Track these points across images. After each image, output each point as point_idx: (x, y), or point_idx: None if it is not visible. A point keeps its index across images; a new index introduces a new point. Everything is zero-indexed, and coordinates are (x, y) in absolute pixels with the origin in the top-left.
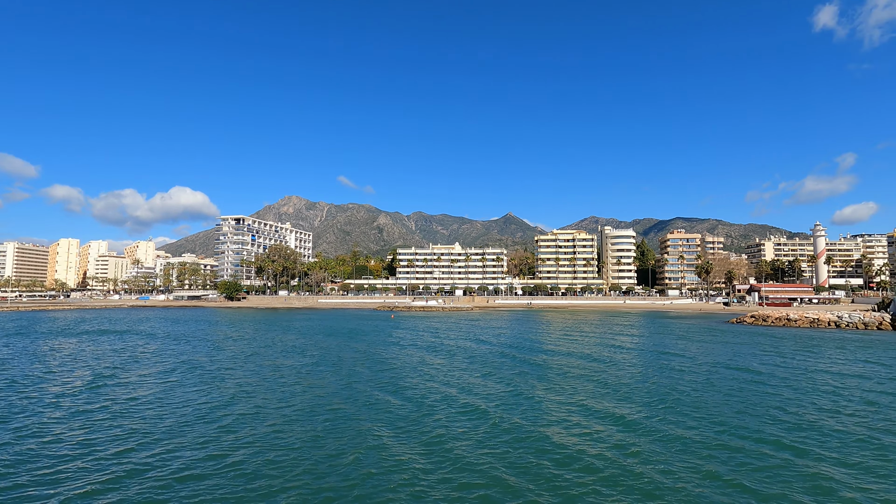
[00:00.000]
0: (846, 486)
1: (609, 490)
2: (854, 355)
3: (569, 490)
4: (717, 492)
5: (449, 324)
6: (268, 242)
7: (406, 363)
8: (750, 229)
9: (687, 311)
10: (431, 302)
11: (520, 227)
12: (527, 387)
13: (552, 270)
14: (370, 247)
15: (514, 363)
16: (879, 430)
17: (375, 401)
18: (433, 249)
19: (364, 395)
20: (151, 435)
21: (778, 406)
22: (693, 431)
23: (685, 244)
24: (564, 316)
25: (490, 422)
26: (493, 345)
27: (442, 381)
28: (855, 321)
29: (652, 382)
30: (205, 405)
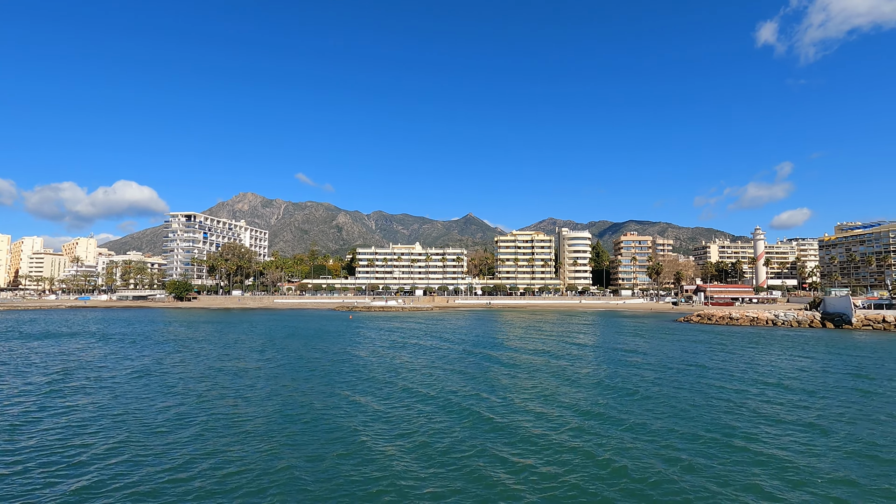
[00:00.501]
0: (791, 464)
1: (578, 479)
2: (790, 351)
3: (545, 483)
4: (681, 478)
5: (409, 324)
6: (221, 240)
7: (366, 363)
8: (697, 232)
9: (639, 310)
10: (391, 302)
11: (480, 227)
12: (492, 384)
13: (511, 271)
14: (329, 246)
15: (476, 361)
16: (818, 415)
17: (339, 403)
18: (393, 249)
19: (325, 398)
20: (99, 447)
21: (726, 397)
22: (655, 422)
23: (637, 246)
24: (523, 315)
25: (458, 419)
26: (455, 344)
27: (404, 382)
28: (790, 319)
29: (610, 377)
30: (156, 414)
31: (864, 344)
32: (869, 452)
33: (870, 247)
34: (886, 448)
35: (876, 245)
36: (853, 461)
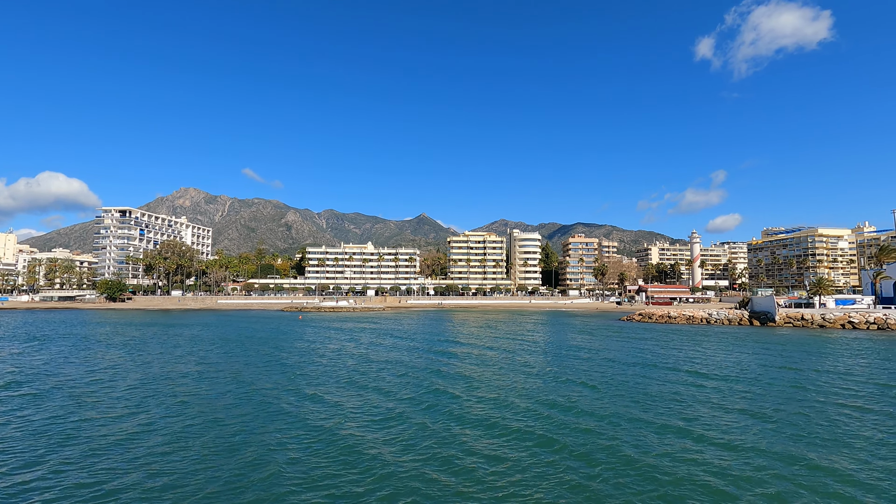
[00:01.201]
0: (734, 446)
1: (531, 477)
2: (724, 346)
3: (495, 482)
4: (630, 471)
5: (360, 324)
6: (160, 238)
7: (316, 365)
8: (640, 235)
9: (585, 309)
10: (342, 302)
11: (433, 227)
12: (444, 384)
13: (464, 271)
14: (277, 245)
15: (430, 362)
16: (756, 402)
17: (287, 408)
18: (345, 249)
19: (272, 403)
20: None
21: (670, 388)
22: (605, 413)
23: (585, 248)
24: (475, 315)
25: (412, 420)
26: (407, 343)
27: (357, 383)
28: (722, 318)
29: (560, 373)
30: (79, 426)
31: (786, 339)
32: (803, 432)
33: (791, 250)
34: (819, 427)
35: (796, 249)
36: (789, 439)
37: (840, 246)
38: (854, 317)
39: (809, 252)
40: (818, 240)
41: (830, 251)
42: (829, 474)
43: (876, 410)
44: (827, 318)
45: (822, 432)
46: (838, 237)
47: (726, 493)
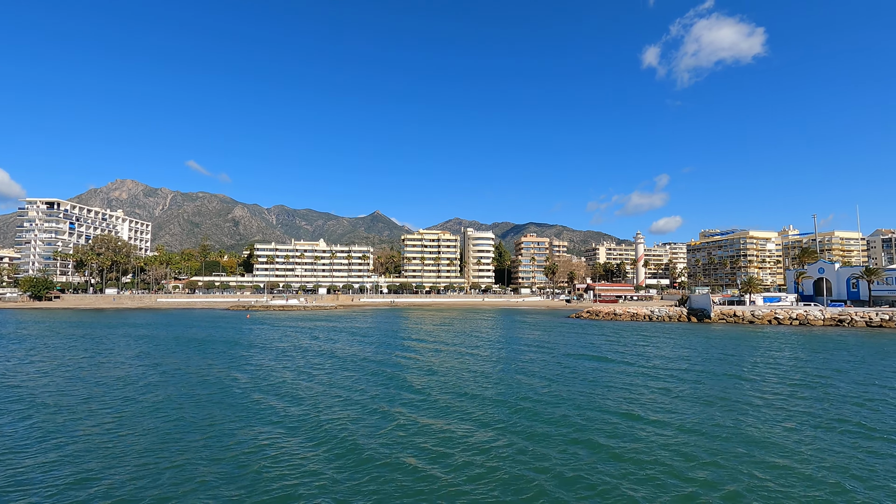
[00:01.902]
0: (670, 426)
1: (485, 472)
2: (662, 341)
3: (454, 475)
4: (589, 459)
5: (311, 323)
6: (93, 232)
7: (263, 366)
8: (588, 235)
9: (536, 307)
10: (292, 301)
11: (387, 225)
12: (400, 381)
13: (418, 269)
14: (224, 241)
15: (383, 359)
16: (693, 390)
17: (232, 414)
18: (296, 245)
19: (217, 407)
20: None
21: (614, 378)
22: (556, 407)
23: (536, 247)
24: (429, 313)
25: (368, 419)
26: (360, 341)
27: (307, 383)
28: (662, 315)
29: (514, 367)
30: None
31: (720, 334)
32: (737, 413)
33: (726, 251)
34: (751, 410)
35: (730, 250)
36: (725, 419)
37: (768, 248)
38: (779, 313)
39: (741, 253)
40: (749, 242)
41: (760, 252)
42: (761, 447)
43: (799, 395)
44: (756, 314)
45: (754, 414)
46: (767, 239)
47: (675, 469)
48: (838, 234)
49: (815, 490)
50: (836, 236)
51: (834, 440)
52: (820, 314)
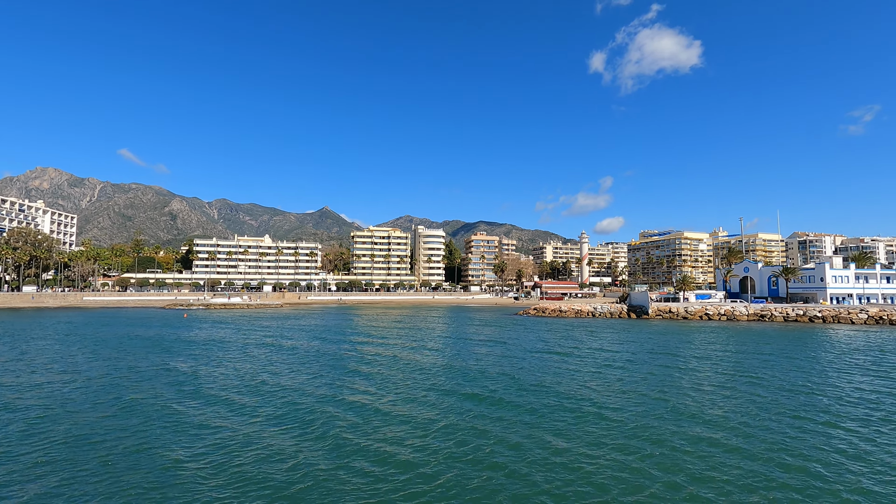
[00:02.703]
0: (612, 412)
1: (432, 464)
2: (604, 335)
3: (397, 477)
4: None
5: (254, 322)
6: (8, 224)
7: (200, 369)
8: (536, 234)
9: (486, 304)
10: (235, 299)
11: (336, 221)
12: (347, 380)
13: (367, 267)
14: (160, 236)
15: (331, 359)
16: (639, 381)
17: (162, 424)
18: (239, 241)
19: (144, 416)
20: None
21: (559, 371)
22: (506, 397)
23: (486, 245)
24: (379, 311)
25: (311, 421)
26: (307, 341)
27: (247, 385)
28: (605, 311)
29: (461, 363)
30: None
31: (657, 329)
32: (672, 400)
33: (663, 251)
34: (685, 396)
35: (667, 250)
36: (662, 407)
37: (701, 248)
38: (710, 309)
39: (677, 253)
40: (684, 242)
41: (693, 252)
42: (700, 429)
43: (725, 385)
44: (689, 310)
45: (688, 401)
46: (699, 240)
47: (625, 454)
48: (761, 235)
49: (751, 463)
50: (759, 238)
51: (765, 420)
52: (745, 310)
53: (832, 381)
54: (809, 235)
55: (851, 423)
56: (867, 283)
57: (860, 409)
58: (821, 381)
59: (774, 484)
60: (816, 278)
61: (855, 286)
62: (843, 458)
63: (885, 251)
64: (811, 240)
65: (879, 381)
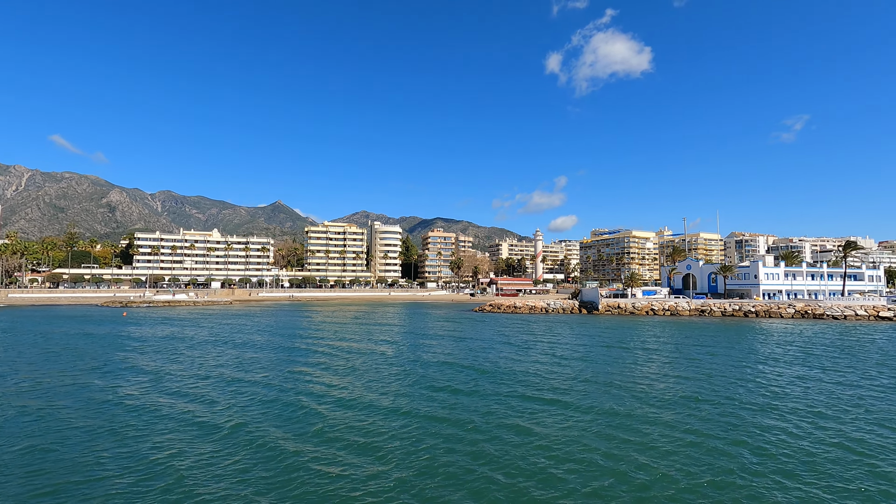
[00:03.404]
0: (567, 404)
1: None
2: (557, 330)
3: (347, 474)
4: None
5: (201, 321)
6: None
7: (137, 371)
8: (493, 231)
9: (442, 301)
10: (181, 296)
11: (290, 216)
12: (303, 378)
13: (322, 262)
14: (96, 229)
15: (281, 356)
16: (586, 373)
17: (93, 435)
18: (185, 235)
19: (71, 425)
20: None
21: (516, 364)
22: (467, 388)
23: (443, 242)
24: (334, 307)
25: (255, 425)
26: (258, 339)
27: (184, 388)
28: (557, 307)
29: (419, 358)
30: None
31: (606, 323)
32: (621, 390)
33: (612, 249)
34: (633, 384)
35: (616, 248)
36: (612, 396)
37: (647, 246)
38: (655, 305)
39: (625, 251)
40: (632, 241)
41: (640, 250)
42: (649, 418)
43: (668, 374)
44: (636, 306)
45: (634, 388)
46: (646, 239)
47: (580, 442)
48: (703, 235)
49: (692, 449)
50: (701, 237)
51: (705, 410)
52: (687, 305)
53: (763, 371)
54: (745, 235)
55: (783, 408)
56: (795, 280)
57: (788, 397)
58: (752, 371)
59: (716, 465)
60: (751, 276)
61: (784, 283)
62: (774, 439)
63: (810, 251)
64: (747, 239)
65: (803, 369)
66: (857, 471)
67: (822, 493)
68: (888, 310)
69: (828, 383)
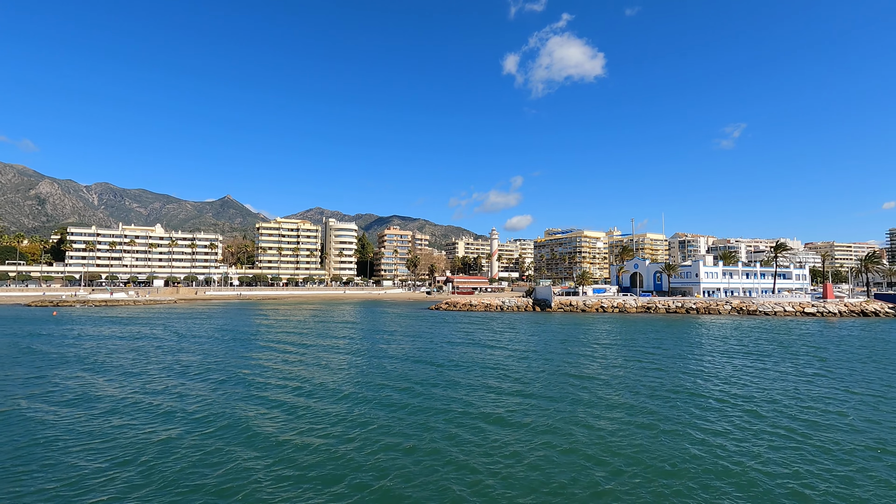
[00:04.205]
0: (520, 393)
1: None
2: (511, 327)
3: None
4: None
5: (141, 321)
6: None
7: (67, 375)
8: (449, 230)
9: (398, 299)
10: (120, 295)
11: (240, 212)
12: (255, 381)
13: (274, 260)
14: (23, 222)
15: (226, 358)
16: (539, 368)
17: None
18: (125, 231)
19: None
20: None
21: (471, 359)
22: (421, 383)
23: (400, 240)
24: (286, 306)
25: (209, 429)
26: (203, 339)
27: (127, 397)
28: (512, 305)
29: (375, 357)
30: None
31: (560, 321)
32: (572, 381)
33: (565, 248)
34: (582, 377)
35: (569, 247)
36: (563, 385)
37: (598, 245)
38: (605, 302)
39: (577, 250)
40: (584, 240)
41: (591, 249)
42: (602, 410)
43: (619, 364)
44: (587, 303)
45: (589, 381)
46: (597, 238)
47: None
48: (649, 235)
49: (635, 438)
50: (647, 237)
51: (649, 396)
52: (634, 303)
53: (702, 363)
54: (688, 236)
55: (725, 396)
56: (732, 279)
57: (729, 385)
58: (696, 363)
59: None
60: (692, 274)
61: (722, 281)
62: (720, 428)
63: (745, 251)
64: (689, 240)
65: (741, 361)
66: (794, 448)
67: (755, 463)
68: (812, 306)
69: (761, 371)
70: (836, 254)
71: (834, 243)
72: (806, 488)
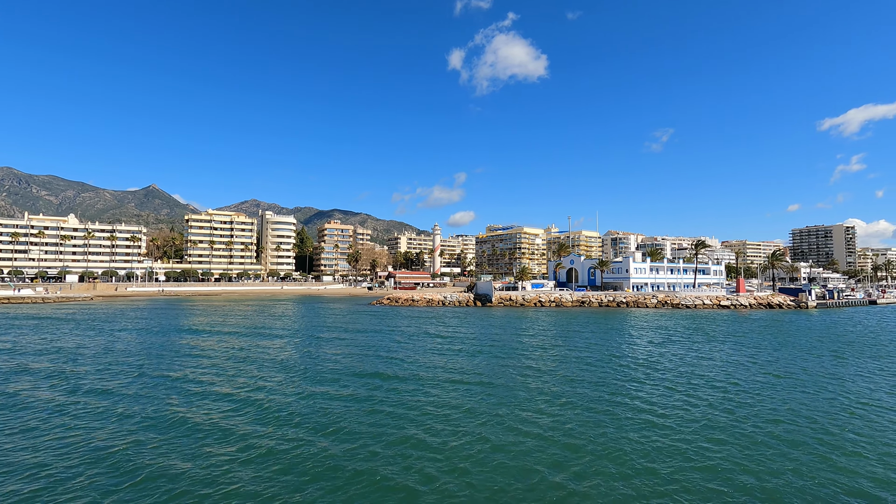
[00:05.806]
0: (460, 382)
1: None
2: (453, 322)
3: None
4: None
5: (53, 320)
6: None
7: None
8: (392, 225)
9: (339, 294)
10: (26, 291)
11: (167, 202)
12: (187, 390)
13: (206, 254)
14: None
15: (153, 364)
16: (471, 354)
17: None
18: (31, 220)
19: None
20: None
21: (411, 353)
22: (365, 378)
23: (340, 234)
24: (218, 304)
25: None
26: (123, 340)
27: (31, 404)
28: (454, 300)
29: (317, 357)
30: None
31: (500, 315)
32: (510, 371)
33: (506, 244)
34: (521, 368)
35: (509, 243)
36: (500, 376)
37: (537, 242)
38: (542, 297)
39: (517, 246)
40: (523, 236)
41: (531, 246)
42: (541, 398)
43: (556, 356)
44: (526, 298)
45: (524, 371)
46: (536, 235)
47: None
48: (585, 233)
49: (573, 425)
50: (583, 235)
51: (592, 382)
52: (569, 297)
53: (632, 350)
54: (619, 234)
55: (654, 377)
56: (658, 275)
57: (656, 369)
58: (628, 349)
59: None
60: (623, 270)
61: (650, 276)
62: (644, 403)
63: (670, 248)
64: (620, 237)
65: (662, 349)
66: (716, 420)
67: (679, 432)
68: (727, 300)
69: (685, 355)
70: (748, 251)
71: (746, 242)
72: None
